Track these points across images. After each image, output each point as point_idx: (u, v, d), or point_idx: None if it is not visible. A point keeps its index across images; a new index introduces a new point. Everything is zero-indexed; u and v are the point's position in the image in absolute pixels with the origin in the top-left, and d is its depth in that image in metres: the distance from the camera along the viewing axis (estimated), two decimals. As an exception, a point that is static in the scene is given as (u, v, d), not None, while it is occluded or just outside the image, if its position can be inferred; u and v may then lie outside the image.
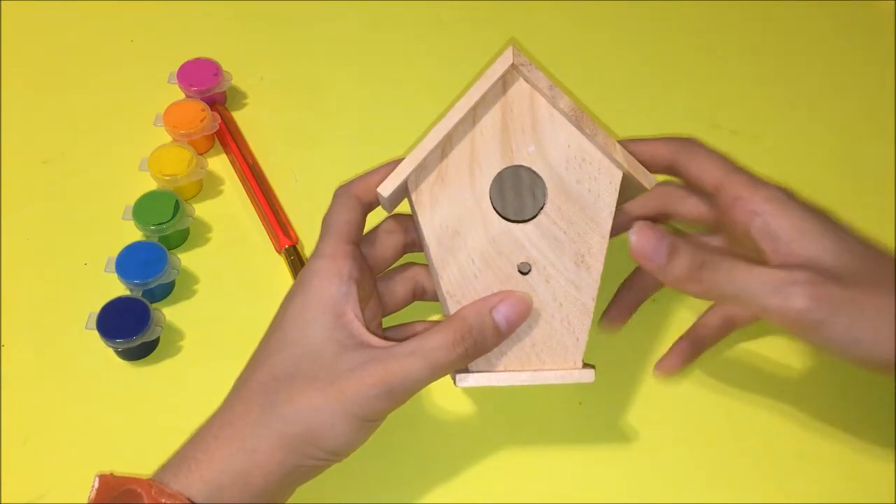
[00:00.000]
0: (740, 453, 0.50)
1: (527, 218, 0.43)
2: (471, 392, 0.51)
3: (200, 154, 0.60)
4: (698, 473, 0.49)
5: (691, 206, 0.48)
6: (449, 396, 0.51)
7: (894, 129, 0.63)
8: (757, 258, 0.42)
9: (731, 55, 0.68)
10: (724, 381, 0.52)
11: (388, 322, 0.48)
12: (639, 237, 0.41)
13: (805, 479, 0.49)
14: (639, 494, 0.48)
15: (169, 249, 0.54)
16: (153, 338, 0.51)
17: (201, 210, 0.58)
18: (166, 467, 0.40)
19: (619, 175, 0.43)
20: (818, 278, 0.40)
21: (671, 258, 0.41)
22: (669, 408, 0.51)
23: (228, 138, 0.60)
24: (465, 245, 0.43)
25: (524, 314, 0.42)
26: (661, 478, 0.49)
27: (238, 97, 0.63)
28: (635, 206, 0.49)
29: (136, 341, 0.50)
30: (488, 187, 0.43)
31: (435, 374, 0.40)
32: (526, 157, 0.43)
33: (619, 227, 0.46)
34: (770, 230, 0.42)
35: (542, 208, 0.43)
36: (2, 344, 0.52)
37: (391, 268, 0.48)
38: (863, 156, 0.62)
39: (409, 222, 0.47)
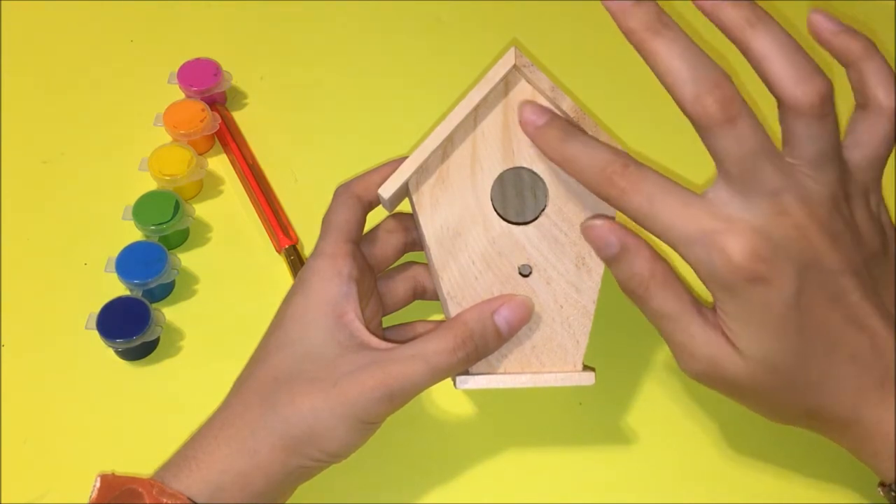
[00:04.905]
0: (740, 454, 0.50)
1: (528, 220, 0.43)
2: (471, 393, 0.51)
3: (200, 154, 0.59)
4: (698, 474, 0.49)
5: None
6: (449, 397, 0.51)
7: (894, 130, 0.63)
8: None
9: (731, 55, 0.68)
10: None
11: (388, 321, 0.48)
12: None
13: (805, 479, 0.49)
14: (639, 494, 0.48)
15: (169, 249, 0.53)
16: (153, 338, 0.51)
17: (201, 210, 0.58)
18: (167, 467, 0.40)
19: (620, 176, 0.43)
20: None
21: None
22: (669, 408, 0.51)
23: (228, 138, 0.60)
24: (466, 246, 0.43)
25: (525, 318, 0.42)
26: (661, 478, 0.49)
27: (238, 97, 0.63)
28: None
29: (136, 341, 0.50)
30: (489, 189, 0.43)
31: (436, 377, 0.40)
32: (527, 158, 0.43)
33: None
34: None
35: (543, 210, 0.43)
36: (2, 344, 0.52)
37: (391, 267, 0.48)
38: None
39: (409, 221, 0.47)
